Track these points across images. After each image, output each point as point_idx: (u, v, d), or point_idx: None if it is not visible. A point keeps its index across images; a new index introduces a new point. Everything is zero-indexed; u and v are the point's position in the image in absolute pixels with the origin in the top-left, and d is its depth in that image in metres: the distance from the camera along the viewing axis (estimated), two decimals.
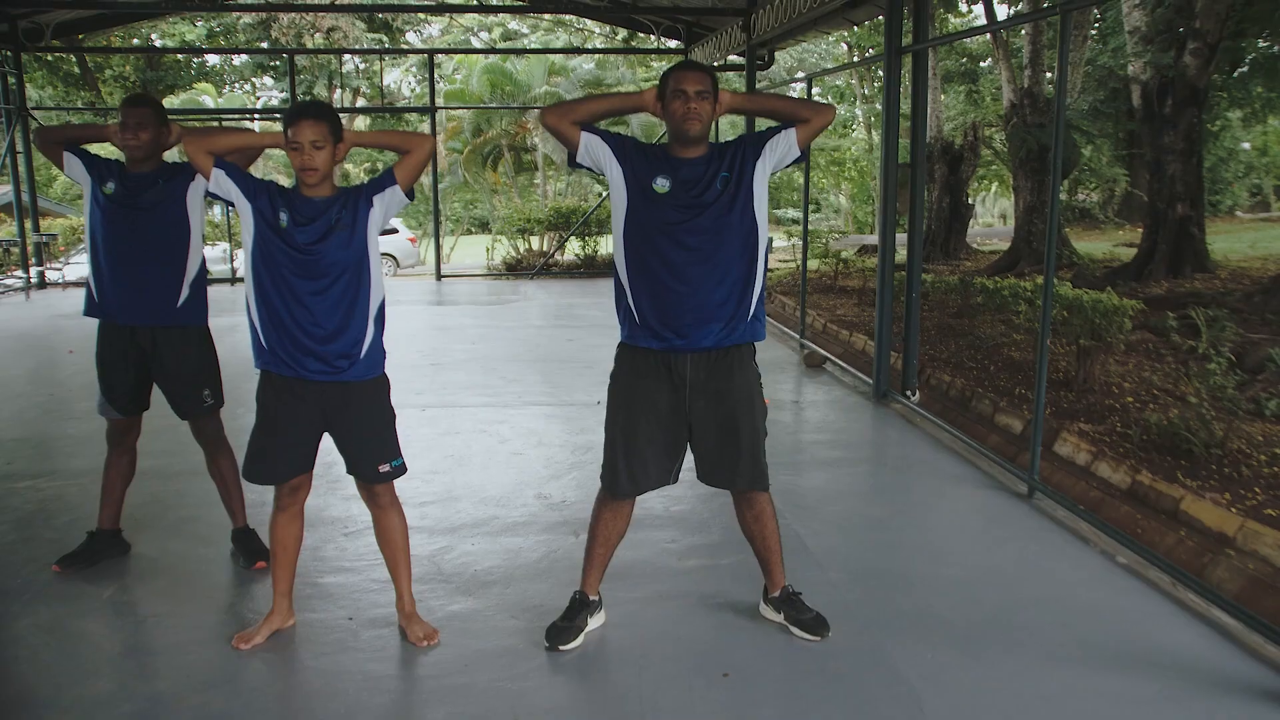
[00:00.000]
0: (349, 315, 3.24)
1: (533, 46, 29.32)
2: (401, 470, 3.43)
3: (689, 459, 3.43)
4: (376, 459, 3.37)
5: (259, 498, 4.25)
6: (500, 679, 3.21)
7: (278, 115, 23.77)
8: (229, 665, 3.29)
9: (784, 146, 3.24)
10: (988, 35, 17.18)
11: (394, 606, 3.55)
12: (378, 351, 3.35)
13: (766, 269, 3.34)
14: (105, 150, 6.87)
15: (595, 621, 3.51)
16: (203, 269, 4.00)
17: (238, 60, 32.93)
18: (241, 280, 3.38)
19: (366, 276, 3.27)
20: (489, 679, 3.21)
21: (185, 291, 3.92)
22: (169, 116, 3.90)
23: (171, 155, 4.08)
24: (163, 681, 3.21)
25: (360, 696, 3.11)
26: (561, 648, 3.37)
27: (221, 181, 3.24)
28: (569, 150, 3.29)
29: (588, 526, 3.51)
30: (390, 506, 3.46)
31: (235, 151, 3.36)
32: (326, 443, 3.43)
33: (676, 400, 3.28)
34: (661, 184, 3.18)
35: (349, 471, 3.42)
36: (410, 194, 3.32)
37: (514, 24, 32.44)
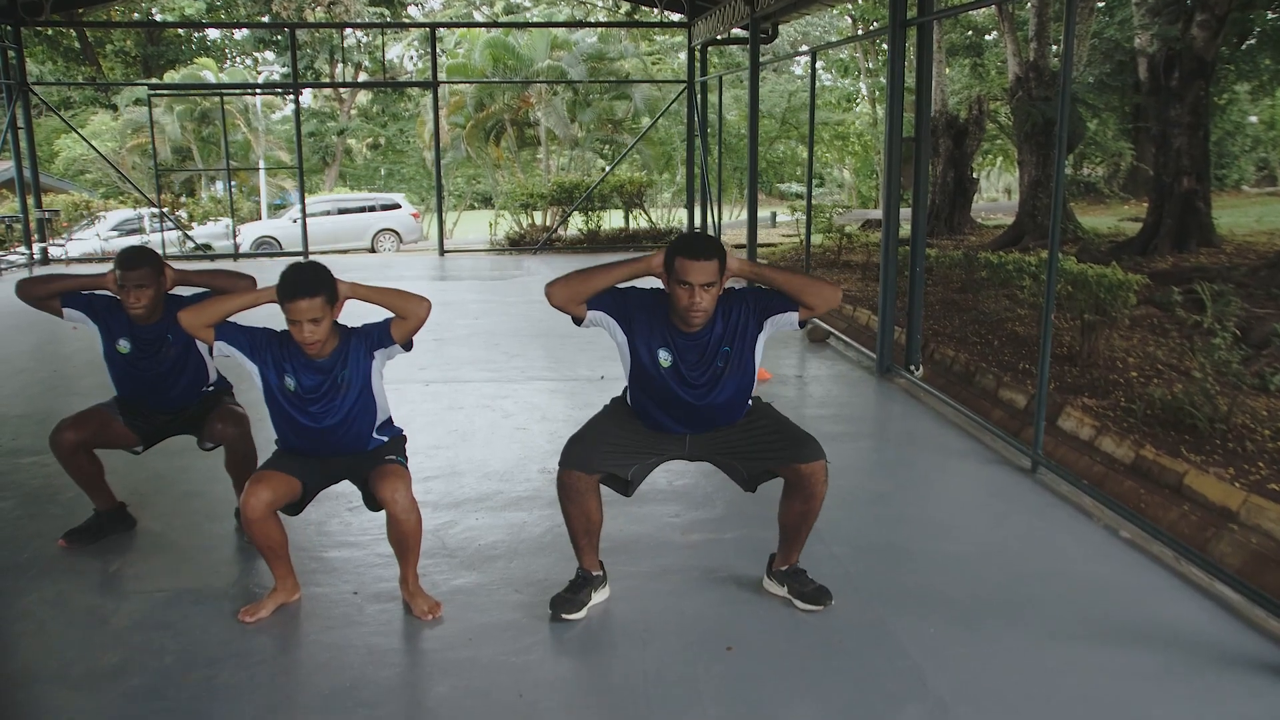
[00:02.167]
0: (359, 439, 3.47)
1: (535, 20, 29.12)
2: (403, 465, 3.49)
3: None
4: (385, 454, 3.51)
5: None
6: (504, 653, 3.22)
7: (279, 90, 23.70)
8: (234, 639, 3.31)
9: (784, 323, 3.31)
10: (993, 8, 17.05)
11: (398, 581, 3.56)
12: (389, 434, 3.59)
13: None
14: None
15: (600, 595, 3.52)
16: (219, 374, 4.16)
17: (239, 35, 32.78)
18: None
19: (372, 411, 3.47)
20: (493, 653, 3.22)
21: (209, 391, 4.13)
22: (164, 261, 3.93)
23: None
24: (169, 655, 3.23)
25: (365, 670, 3.12)
26: (565, 616, 3.39)
27: (224, 349, 3.40)
28: (572, 318, 3.33)
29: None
30: (410, 510, 3.35)
31: (229, 316, 3.41)
32: None
33: (673, 437, 3.44)
34: (664, 357, 3.26)
35: (365, 495, 3.53)
36: (409, 347, 3.47)
37: None
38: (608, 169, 18.40)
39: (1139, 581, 3.76)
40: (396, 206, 22.41)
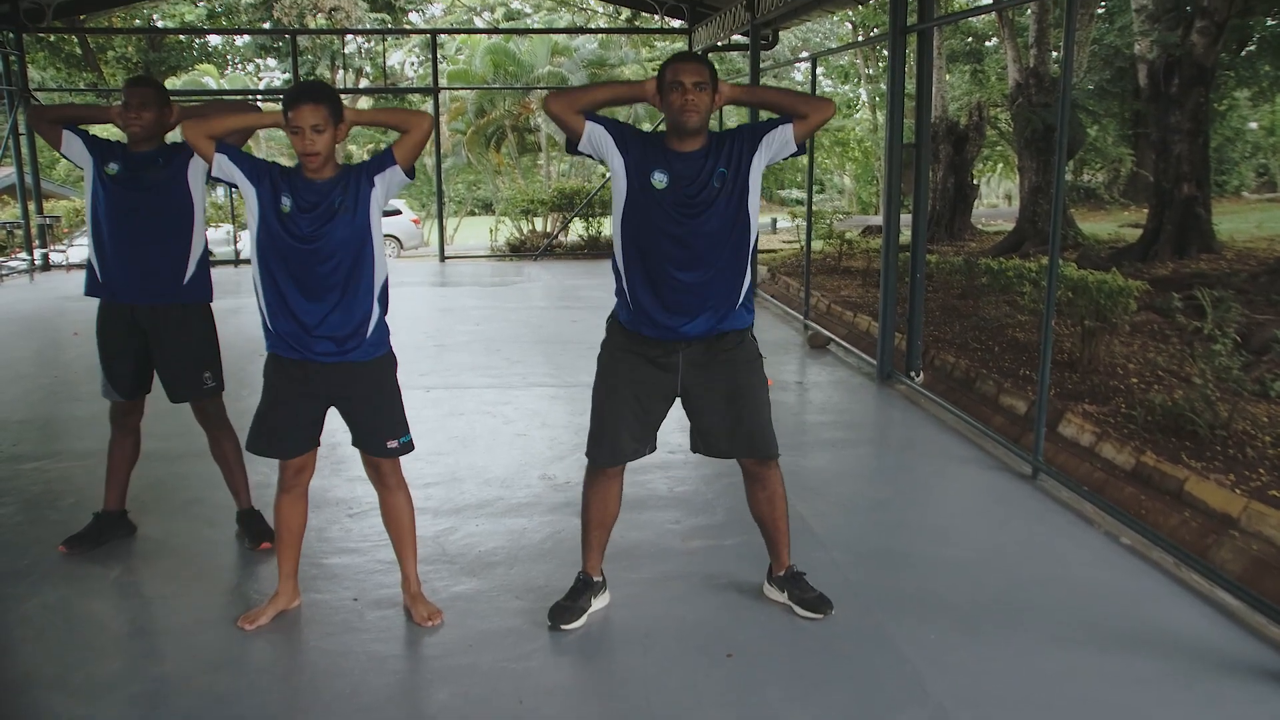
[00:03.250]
0: (354, 296, 3.25)
1: (536, 26, 29.17)
2: (409, 447, 3.44)
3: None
4: (385, 434, 3.39)
5: (263, 479, 4.26)
6: (504, 659, 3.22)
7: (280, 96, 23.68)
8: (235, 646, 3.31)
9: (780, 141, 3.24)
10: (993, 14, 17.07)
11: (399, 587, 3.56)
12: (383, 330, 3.37)
13: (756, 259, 3.35)
14: (105, 132, 6.85)
15: (599, 602, 3.52)
16: (206, 247, 4.01)
17: (240, 41, 32.84)
18: (246, 262, 3.40)
19: (369, 256, 3.27)
20: (493, 659, 3.22)
21: (191, 269, 3.94)
22: (171, 97, 3.91)
23: (173, 137, 4.07)
24: (169, 662, 3.23)
25: (365, 677, 3.12)
26: (564, 627, 3.39)
27: (224, 165, 3.24)
28: (570, 137, 3.29)
29: (580, 511, 3.52)
30: (397, 487, 3.47)
31: (234, 133, 3.38)
32: (332, 425, 3.44)
33: (666, 375, 3.31)
34: (659, 179, 3.19)
35: (354, 444, 3.44)
36: (410, 173, 3.31)
37: (517, 3, 32.30)
38: (607, 175, 18.40)
39: (1139, 588, 3.76)
40: (397, 212, 22.41)
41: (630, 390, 3.33)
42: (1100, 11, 17.15)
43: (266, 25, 28.24)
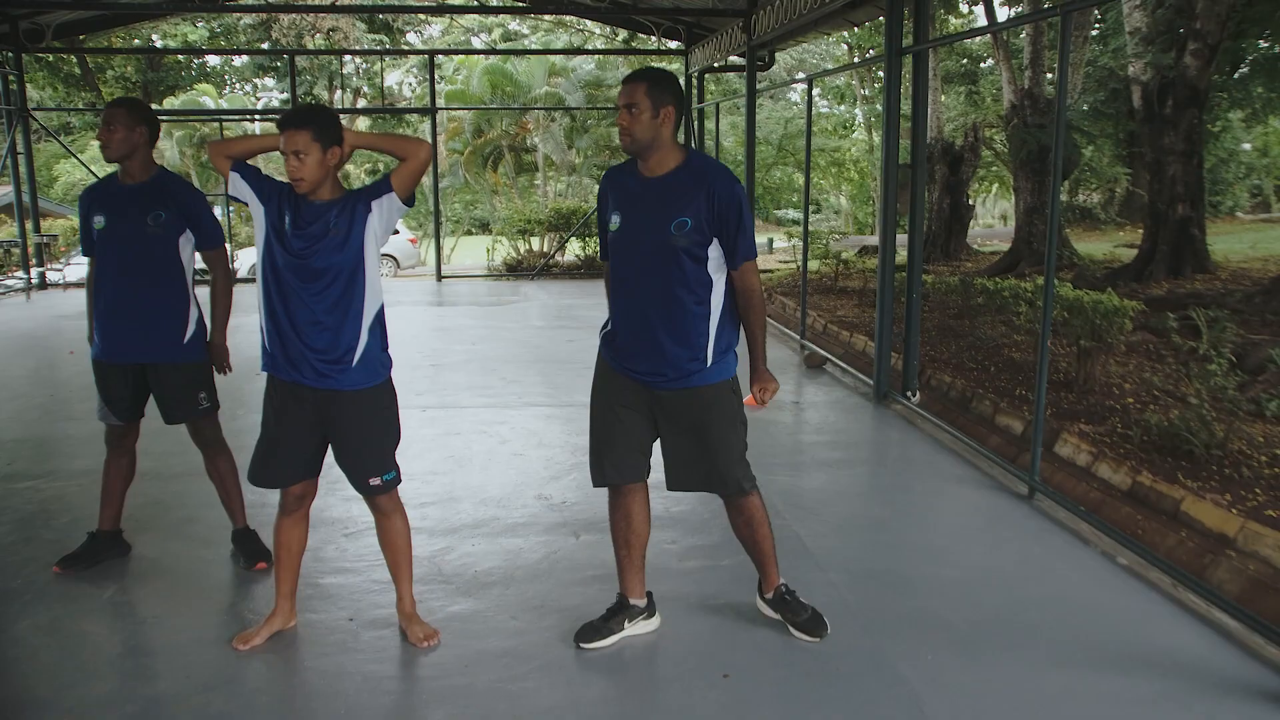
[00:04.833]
0: (342, 320, 3.23)
1: (533, 47, 29.31)
2: (394, 483, 3.41)
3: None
4: (367, 472, 3.35)
5: (259, 499, 4.26)
6: (501, 680, 3.21)
7: (277, 116, 23.79)
8: (229, 666, 3.29)
9: (723, 254, 3.18)
10: (988, 36, 17.18)
11: (394, 607, 3.55)
12: (374, 360, 3.32)
13: (732, 324, 3.29)
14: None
15: (640, 627, 3.49)
16: (198, 306, 4.08)
17: (238, 61, 32.94)
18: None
19: (361, 283, 3.26)
20: (489, 680, 3.21)
21: (191, 328, 4.02)
22: (150, 116, 3.94)
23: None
24: (163, 682, 3.21)
25: (361, 697, 3.11)
26: (583, 645, 3.38)
27: (237, 184, 3.34)
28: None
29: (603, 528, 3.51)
30: (393, 511, 3.46)
31: (251, 154, 3.45)
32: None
33: (648, 397, 3.30)
34: (614, 221, 3.23)
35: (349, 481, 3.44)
36: (409, 201, 3.32)
37: (514, 25, 32.42)
38: None
39: (1137, 608, 3.76)
40: (394, 232, 22.39)
41: (618, 406, 3.31)
42: (1094, 33, 17.24)
43: (265, 46, 28.35)
